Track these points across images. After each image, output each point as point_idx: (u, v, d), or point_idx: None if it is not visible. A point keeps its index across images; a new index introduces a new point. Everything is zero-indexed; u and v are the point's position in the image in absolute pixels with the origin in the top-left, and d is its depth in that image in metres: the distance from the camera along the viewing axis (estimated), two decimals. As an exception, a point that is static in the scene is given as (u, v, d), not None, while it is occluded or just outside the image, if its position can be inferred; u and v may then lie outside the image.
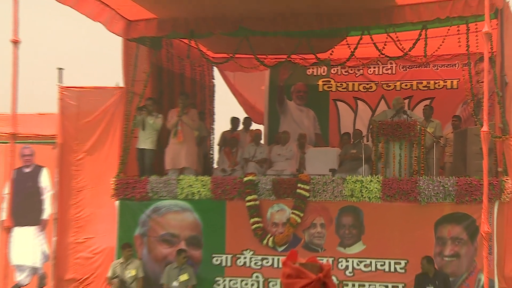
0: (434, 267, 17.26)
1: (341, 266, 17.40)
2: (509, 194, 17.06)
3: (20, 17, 16.28)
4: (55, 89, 20.42)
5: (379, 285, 17.81)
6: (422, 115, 19.86)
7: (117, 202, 19.42)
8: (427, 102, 20.67)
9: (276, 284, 18.44)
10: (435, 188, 17.60)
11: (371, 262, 17.83)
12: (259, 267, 18.33)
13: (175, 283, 17.82)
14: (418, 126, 18.44)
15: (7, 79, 16.14)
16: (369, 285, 17.82)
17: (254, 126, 22.65)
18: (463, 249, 17.78)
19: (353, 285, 17.44)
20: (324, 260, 18.00)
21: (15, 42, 15.96)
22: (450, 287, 17.63)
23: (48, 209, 20.11)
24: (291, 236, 18.24)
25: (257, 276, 18.34)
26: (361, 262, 17.91)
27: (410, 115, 19.39)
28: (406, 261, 17.71)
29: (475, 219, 17.04)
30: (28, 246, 19.49)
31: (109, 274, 18.58)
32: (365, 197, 17.92)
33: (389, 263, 17.94)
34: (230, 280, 18.49)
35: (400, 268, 17.80)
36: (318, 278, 2.36)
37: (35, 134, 21.08)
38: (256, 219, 18.26)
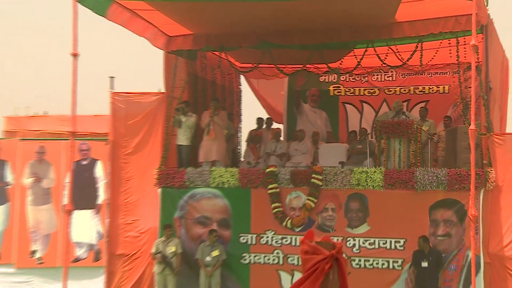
0: (429, 245, 17.64)
1: (349, 244, 17.86)
2: (493, 182, 17.53)
3: (78, 34, 17.00)
4: (107, 95, 20.80)
5: (382, 260, 18.14)
6: (418, 116, 20.21)
7: (159, 190, 20.00)
8: (422, 104, 21.17)
9: (293, 259, 18.67)
10: (430, 177, 17.92)
11: (374, 241, 18.26)
12: (279, 245, 18.82)
13: (208, 258, 18.31)
14: (415, 125, 18.79)
15: (68, 86, 17.06)
16: (373, 260, 18.16)
17: (275, 125, 23.00)
18: (454, 229, 18.11)
19: (360, 260, 17.88)
20: (335, 240, 18.52)
21: (74, 55, 16.73)
22: (442, 262, 17.85)
23: (102, 195, 21.22)
24: (306, 219, 18.71)
25: (277, 253, 18.79)
26: (366, 241, 18.34)
27: (408, 115, 19.77)
28: (405, 240, 18.16)
29: (463, 204, 17.41)
30: (86, 226, 20.47)
31: (153, 250, 19.06)
32: (369, 186, 18.34)
33: (390, 241, 18.37)
34: (254, 256, 18.94)
35: (400, 246, 18.19)
36: (331, 254, 2.84)
37: (91, 132, 22.29)
38: (276, 204, 18.75)
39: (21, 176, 21.66)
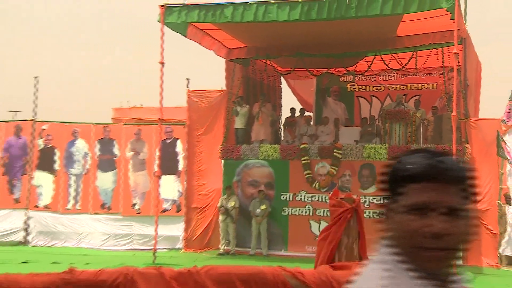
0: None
1: (362, 201, 16.56)
2: (469, 155, 18.47)
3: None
4: (185, 92, 22.35)
5: None
6: (413, 106, 20.90)
7: (222, 161, 21.19)
8: (416, 97, 21.81)
9: (320, 212, 19.78)
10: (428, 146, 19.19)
11: (380, 197, 19.06)
12: (309, 201, 19.88)
13: (257, 211, 19.59)
14: (411, 113, 19.87)
15: (157, 86, 18.35)
16: (379, 212, 18.80)
17: (307, 114, 23.62)
18: None
19: (369, 212, 18.67)
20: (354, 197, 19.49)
21: (162, 63, 18.01)
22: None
23: (181, 165, 22.30)
24: (329, 182, 19.63)
25: (308, 207, 19.89)
26: (374, 198, 19.31)
27: (405, 106, 20.71)
28: None
29: None
30: (170, 187, 21.74)
31: (218, 204, 20.46)
32: (377, 158, 19.21)
33: None
34: (291, 209, 20.06)
35: None
36: (352, 207, 3.31)
37: (173, 119, 22.94)
38: (308, 171, 19.79)
39: (124, 150, 22.71)
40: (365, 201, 18.92)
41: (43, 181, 22.84)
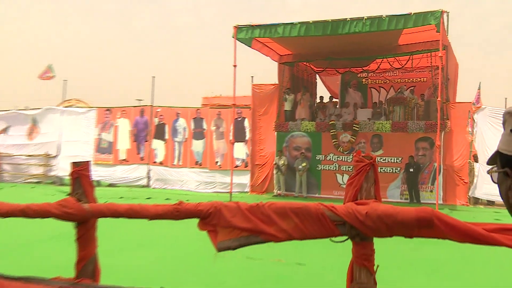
0: (413, 160, 18.37)
1: None
2: (448, 128, 18.33)
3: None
4: (250, 85, 22.10)
5: (389, 168, 18.76)
6: (409, 94, 20.58)
7: (275, 133, 20.90)
8: (412, 88, 21.41)
9: (343, 167, 19.60)
10: (415, 126, 18.55)
11: (386, 158, 18.92)
12: (336, 160, 19.78)
13: (300, 167, 19.71)
14: (408, 98, 19.79)
15: (232, 81, 18.49)
16: (385, 168, 18.70)
17: (334, 100, 22.11)
18: (427, 152, 18.63)
19: (379, 167, 18.04)
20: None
21: (235, 66, 18.24)
22: (420, 169, 18.51)
23: (247, 135, 21.90)
24: (350, 147, 19.44)
25: (335, 165, 19.77)
26: (381, 158, 18.82)
27: (405, 94, 20.48)
28: (401, 157, 18.75)
29: (433, 139, 17.85)
30: (240, 150, 21.63)
31: (274, 162, 20.39)
32: (383, 130, 19.05)
33: (393, 158, 18.93)
34: (323, 166, 19.92)
35: (398, 161, 18.81)
36: (370, 162, 2.88)
37: (243, 104, 22.41)
38: (334, 140, 19.72)
39: (210, 126, 22.63)
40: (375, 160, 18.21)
41: (158, 145, 23.76)
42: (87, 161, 3.40)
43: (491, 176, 1.47)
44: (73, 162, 3.33)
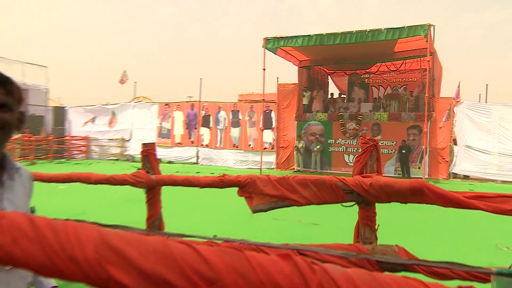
0: (405, 143, 17.91)
1: None
2: (434, 118, 17.92)
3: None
4: (276, 84, 21.33)
5: (385, 150, 18.16)
6: (403, 91, 20.06)
7: (296, 122, 20.38)
8: (405, 86, 20.83)
9: (349, 149, 19.13)
10: (407, 116, 18.14)
11: (383, 142, 18.27)
12: (343, 144, 19.41)
13: (315, 149, 19.40)
14: (401, 94, 19.26)
15: (261, 83, 18.48)
16: (381, 151, 18.16)
17: (342, 96, 21.90)
18: (416, 137, 18.10)
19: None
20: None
21: (264, 70, 18.02)
22: (411, 151, 18.04)
23: (274, 124, 21.17)
24: (354, 134, 19.09)
25: (343, 147, 19.37)
26: (379, 142, 18.05)
27: (399, 91, 19.95)
28: (396, 141, 18.31)
29: (421, 127, 17.53)
30: (268, 135, 21.18)
31: (294, 145, 20.05)
32: (381, 120, 18.65)
33: (389, 142, 18.41)
34: (333, 148, 19.52)
35: (393, 144, 18.34)
36: (373, 144, 2.88)
37: (270, 99, 21.51)
38: (342, 127, 19.38)
39: (244, 116, 22.27)
40: (374, 144, 17.96)
41: (204, 132, 23.72)
42: (153, 143, 3.47)
43: None
44: (143, 143, 3.42)
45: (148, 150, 3.40)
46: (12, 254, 0.69)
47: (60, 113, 27.19)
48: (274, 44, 18.26)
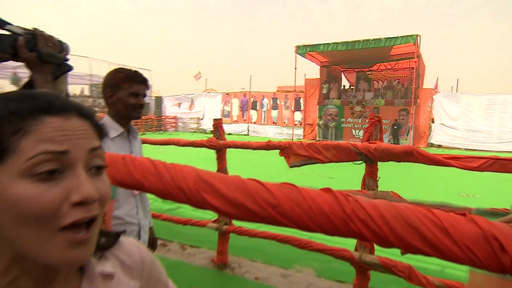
0: (397, 122, 17.12)
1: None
2: (418, 103, 17.22)
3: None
4: (304, 79, 20.58)
5: (383, 126, 18.28)
6: (396, 83, 18.91)
7: (318, 106, 19.54)
8: (398, 80, 19.11)
9: (357, 126, 18.54)
10: (399, 101, 17.39)
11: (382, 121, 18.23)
12: (352, 121, 18.71)
13: (331, 125, 18.89)
14: (395, 86, 18.48)
15: (293, 78, 18.48)
16: None
17: (351, 87, 21.49)
18: (405, 117, 17.33)
19: None
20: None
21: (295, 68, 17.53)
22: (400, 127, 17.27)
23: (302, 107, 20.54)
24: (360, 114, 18.46)
25: (352, 124, 18.74)
26: None
27: (393, 83, 19.01)
28: (389, 120, 17.37)
29: (409, 110, 16.85)
30: (297, 116, 20.39)
31: (316, 122, 19.44)
32: (380, 104, 18.01)
33: (386, 120, 17.12)
34: (344, 124, 18.89)
35: (388, 122, 17.20)
36: (378, 119, 2.73)
37: (300, 90, 20.53)
38: (351, 110, 18.66)
39: (281, 102, 21.68)
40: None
41: (253, 113, 23.29)
42: (221, 118, 3.49)
43: None
44: (214, 119, 3.44)
45: (217, 123, 3.44)
46: (143, 184, 0.72)
47: (158, 100, 27.71)
48: (303, 50, 17.79)
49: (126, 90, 1.63)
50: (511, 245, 0.48)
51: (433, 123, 17.95)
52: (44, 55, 0.94)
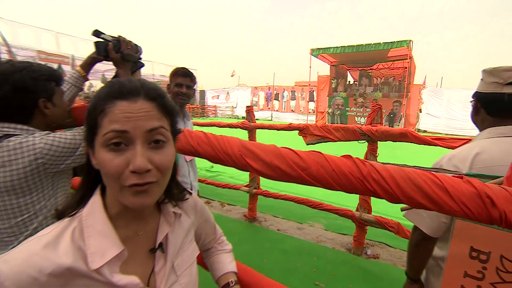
0: (392, 111, 16.37)
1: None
2: (409, 96, 16.28)
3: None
4: (316, 76, 19.57)
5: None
6: (392, 80, 17.70)
7: (327, 97, 18.70)
8: (393, 77, 17.72)
9: (360, 114, 17.73)
10: (394, 94, 16.48)
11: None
12: (355, 110, 17.95)
13: (337, 112, 18.15)
14: (390, 82, 17.56)
15: (308, 74, 17.75)
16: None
17: (355, 82, 20.91)
18: (398, 107, 16.20)
19: None
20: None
21: (310, 67, 16.99)
22: (395, 115, 16.45)
23: (315, 98, 19.62)
24: (362, 105, 17.69)
25: (355, 112, 17.97)
26: None
27: (389, 80, 17.85)
28: (386, 109, 16.63)
29: (401, 101, 15.97)
30: (311, 105, 19.84)
31: (326, 110, 18.72)
32: (378, 97, 17.05)
33: (383, 110, 17.32)
34: (349, 113, 18.17)
35: (384, 111, 16.26)
36: (379, 106, 2.61)
37: (314, 85, 19.94)
38: (355, 101, 17.95)
39: (298, 94, 21.03)
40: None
41: (275, 103, 22.66)
42: (251, 106, 3.43)
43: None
44: (247, 106, 3.40)
45: (249, 109, 3.40)
46: (197, 151, 0.72)
47: (202, 93, 27.71)
48: (316, 52, 17.10)
49: (173, 82, 1.72)
50: (501, 201, 0.48)
51: (421, 112, 17.13)
52: (126, 55, 1.03)
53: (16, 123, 0.81)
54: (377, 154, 2.69)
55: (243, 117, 22.91)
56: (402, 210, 0.82)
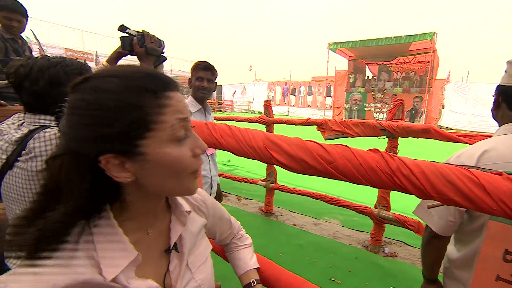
0: (413, 107, 16.05)
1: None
2: (431, 92, 15.79)
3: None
4: (334, 70, 19.29)
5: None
6: (413, 75, 17.02)
7: (345, 92, 18.45)
8: (414, 71, 16.99)
9: (378, 110, 17.27)
10: (414, 90, 16.01)
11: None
12: (373, 106, 17.62)
13: (354, 108, 17.80)
14: (411, 77, 16.85)
15: (326, 69, 17.33)
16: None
17: (374, 77, 20.42)
18: (419, 103, 15.83)
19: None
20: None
21: (328, 62, 16.76)
22: (416, 111, 16.10)
23: (332, 93, 19.58)
24: (381, 100, 17.31)
25: (373, 108, 17.61)
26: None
27: (410, 75, 17.15)
28: (406, 105, 15.94)
29: (422, 97, 15.54)
30: (328, 100, 19.74)
31: (343, 106, 18.55)
32: (398, 92, 16.65)
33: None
34: (367, 108, 17.83)
35: (405, 107, 16.58)
36: (401, 101, 2.52)
37: (331, 80, 19.59)
38: (373, 96, 17.59)
39: (315, 89, 20.80)
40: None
41: (292, 98, 22.44)
42: (269, 100, 3.42)
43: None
44: (265, 100, 3.38)
45: (267, 104, 3.38)
46: (221, 143, 0.72)
47: (219, 88, 27.53)
48: (334, 46, 16.72)
49: (194, 76, 1.72)
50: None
51: (443, 108, 16.45)
52: (149, 49, 1.07)
53: (51, 115, 0.84)
54: (397, 151, 2.59)
55: (259, 112, 22.96)
56: (428, 207, 0.80)
